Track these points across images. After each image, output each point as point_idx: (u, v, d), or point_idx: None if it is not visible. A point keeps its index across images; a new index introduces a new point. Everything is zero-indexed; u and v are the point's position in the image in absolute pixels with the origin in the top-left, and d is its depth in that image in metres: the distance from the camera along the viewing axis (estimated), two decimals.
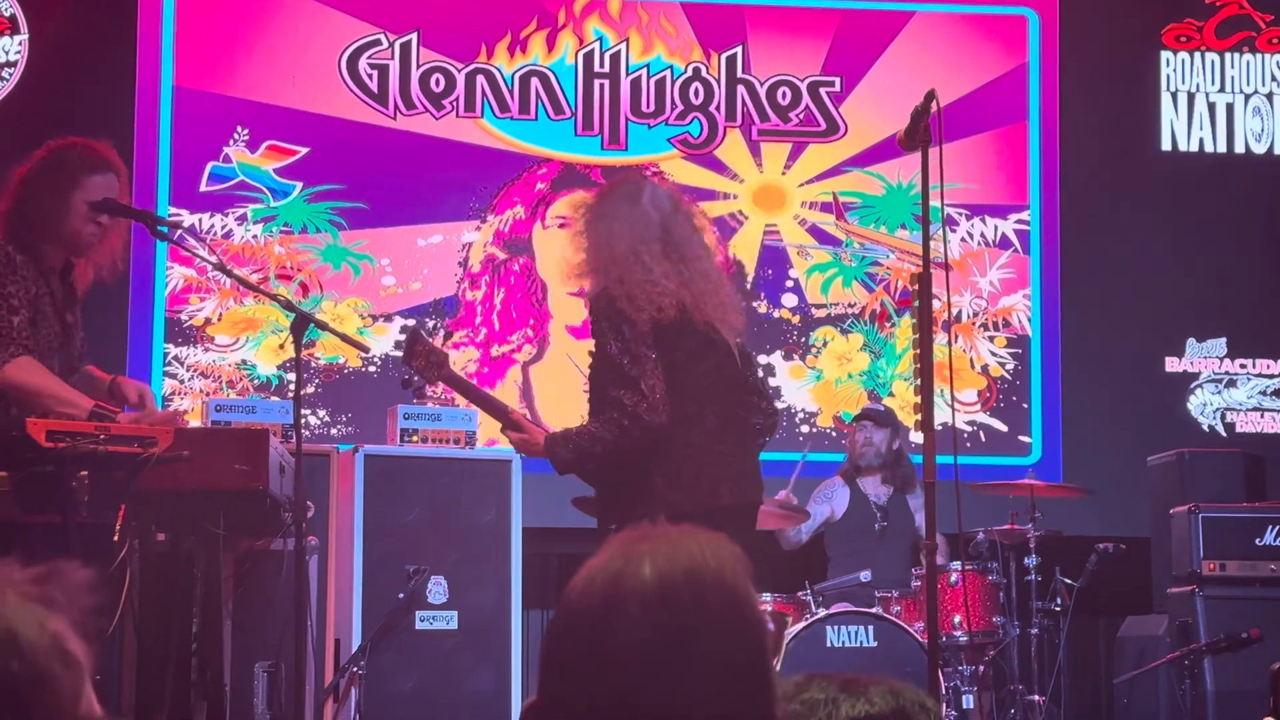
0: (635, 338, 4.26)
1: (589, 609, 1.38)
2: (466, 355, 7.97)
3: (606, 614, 1.36)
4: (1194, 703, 6.19)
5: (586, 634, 1.37)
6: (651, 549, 1.40)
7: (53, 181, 4.36)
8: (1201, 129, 8.45)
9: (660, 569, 1.37)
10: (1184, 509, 6.53)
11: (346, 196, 7.95)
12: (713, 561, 1.39)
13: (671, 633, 1.35)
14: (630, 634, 1.35)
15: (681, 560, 1.39)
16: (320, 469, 5.87)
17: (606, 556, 1.41)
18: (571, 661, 1.37)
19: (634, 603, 1.36)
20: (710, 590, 1.38)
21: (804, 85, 8.24)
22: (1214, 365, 8.30)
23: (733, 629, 1.38)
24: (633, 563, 1.38)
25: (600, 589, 1.38)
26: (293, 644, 4.56)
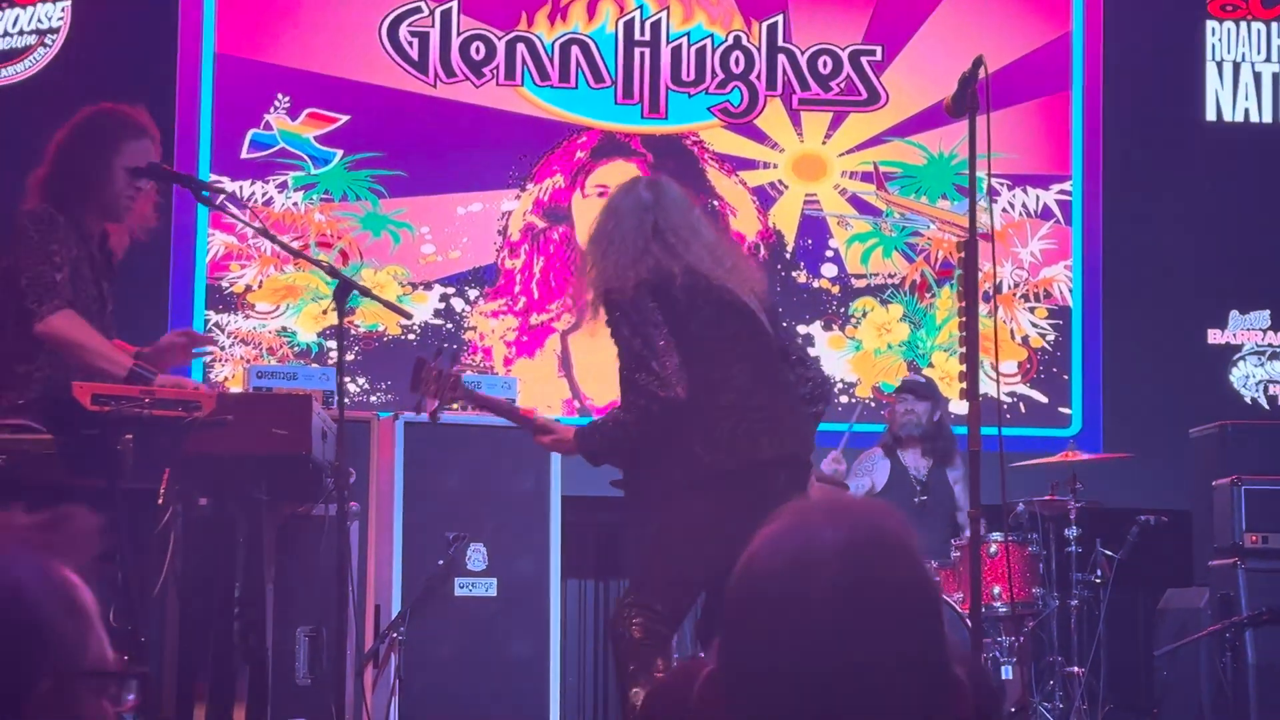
0: (642, 318, 4.31)
1: (776, 575, 1.38)
2: (505, 324, 7.97)
3: (795, 578, 1.37)
4: (1235, 675, 6.16)
5: (774, 600, 1.38)
6: (829, 513, 1.41)
7: (91, 147, 4.38)
8: (1247, 99, 8.38)
9: (844, 532, 1.39)
10: (1226, 481, 6.50)
11: (386, 164, 7.95)
12: (889, 522, 1.42)
13: (861, 593, 1.37)
14: (820, 596, 1.36)
15: (863, 521, 1.41)
16: (361, 436, 5.89)
17: (786, 524, 1.42)
18: (758, 628, 1.38)
19: (823, 566, 1.37)
20: (893, 550, 1.40)
21: (845, 54, 8.19)
22: (1257, 337, 8.24)
23: (913, 588, 1.40)
24: (815, 527, 1.40)
25: (787, 555, 1.39)
26: (334, 609, 4.58)
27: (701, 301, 4.38)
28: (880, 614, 1.36)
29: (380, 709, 5.71)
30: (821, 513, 1.42)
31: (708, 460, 4.27)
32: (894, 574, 1.38)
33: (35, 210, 4.33)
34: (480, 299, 7.97)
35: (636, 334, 4.30)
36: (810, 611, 1.35)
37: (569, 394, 7.96)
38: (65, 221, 4.31)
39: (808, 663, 1.35)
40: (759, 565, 1.40)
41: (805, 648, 1.35)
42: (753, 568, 1.41)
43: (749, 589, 1.40)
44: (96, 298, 4.42)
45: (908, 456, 7.14)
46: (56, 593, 1.37)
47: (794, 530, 1.41)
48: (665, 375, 4.26)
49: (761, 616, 1.38)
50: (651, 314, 4.32)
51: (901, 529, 1.42)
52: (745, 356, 4.40)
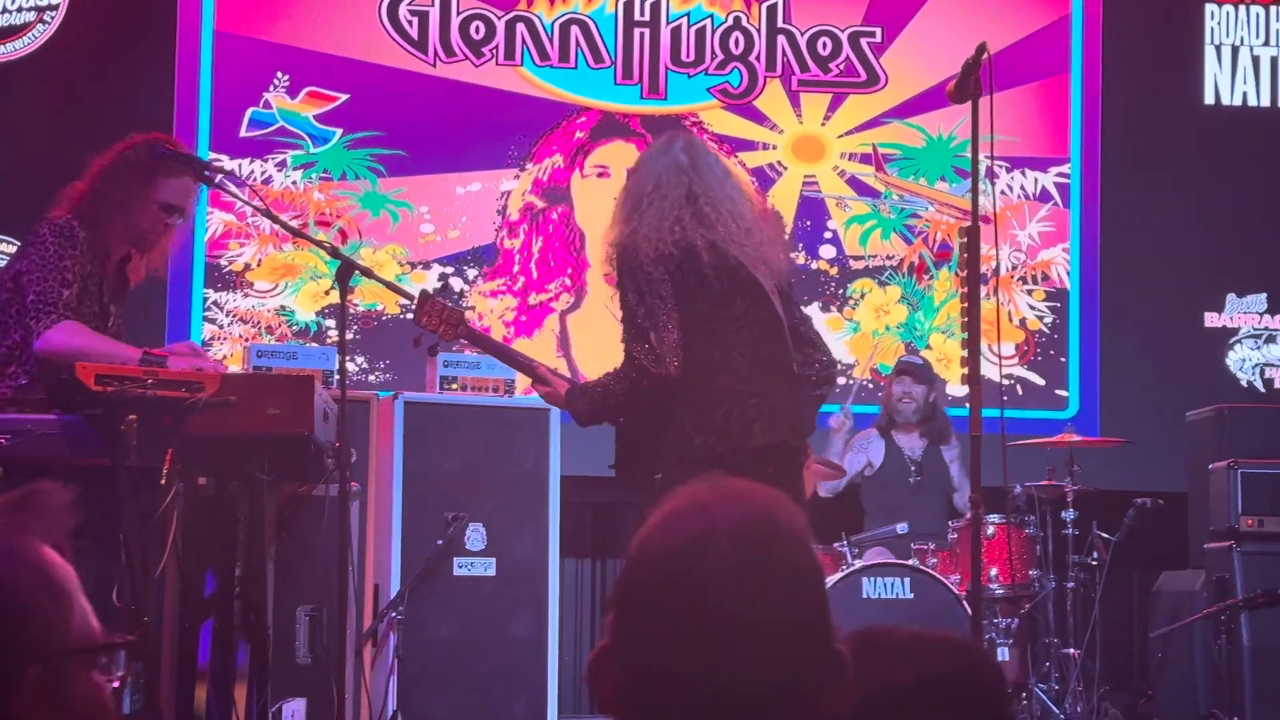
0: (650, 289, 4.24)
1: (672, 554, 1.41)
2: (504, 303, 7.98)
3: (690, 557, 1.40)
4: (1230, 658, 6.19)
5: (669, 578, 1.40)
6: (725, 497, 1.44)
7: (132, 177, 4.44)
8: (1245, 83, 8.39)
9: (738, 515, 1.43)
10: (1223, 464, 6.52)
11: (386, 144, 7.95)
12: (782, 508, 1.45)
13: (751, 573, 1.40)
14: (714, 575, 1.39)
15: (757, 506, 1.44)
16: (360, 416, 5.89)
17: (683, 505, 1.45)
18: (652, 605, 1.41)
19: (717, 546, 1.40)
20: (784, 534, 1.43)
21: (845, 35, 8.19)
22: (1254, 321, 8.26)
23: (801, 571, 1.43)
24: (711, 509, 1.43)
25: (684, 535, 1.42)
26: (334, 588, 4.60)
27: (715, 279, 4.31)
28: (770, 594, 1.40)
29: (379, 688, 5.73)
30: (717, 496, 1.45)
31: (698, 442, 4.23)
32: (784, 557, 1.42)
33: (59, 221, 4.37)
34: (479, 278, 7.98)
35: (641, 303, 4.24)
36: (703, 590, 1.39)
37: (567, 374, 7.95)
38: (86, 238, 4.36)
39: (699, 639, 1.38)
40: (655, 544, 1.43)
41: (697, 625, 1.38)
42: (649, 546, 1.43)
43: (645, 567, 1.43)
44: (97, 315, 4.45)
45: (902, 438, 7.16)
46: (33, 573, 1.35)
47: (690, 511, 1.44)
48: (661, 351, 4.21)
49: (656, 594, 1.41)
50: (661, 285, 4.25)
51: (794, 515, 1.46)
52: (750, 339, 4.34)
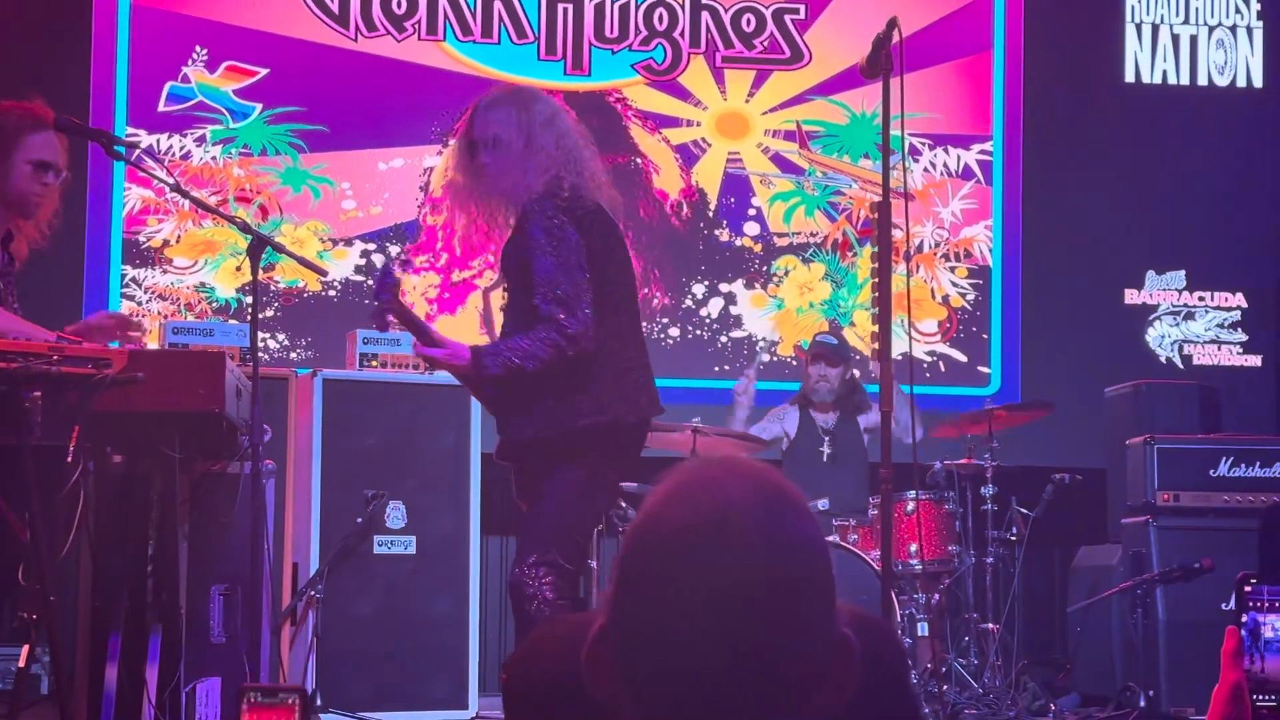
0: (567, 249, 4.07)
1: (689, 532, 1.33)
2: (427, 280, 7.93)
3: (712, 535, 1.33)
4: (1146, 631, 6.25)
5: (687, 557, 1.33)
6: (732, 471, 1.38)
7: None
8: (1165, 61, 8.45)
9: (754, 490, 1.36)
10: (1139, 440, 6.58)
11: (307, 119, 7.87)
12: (786, 481, 1.40)
13: (777, 552, 1.33)
14: (740, 555, 1.32)
15: (767, 480, 1.37)
16: (279, 393, 5.85)
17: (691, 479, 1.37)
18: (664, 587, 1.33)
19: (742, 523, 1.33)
20: (800, 509, 1.37)
21: (768, 12, 8.19)
22: (1173, 298, 8.34)
23: (820, 547, 1.38)
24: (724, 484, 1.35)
25: (703, 511, 1.34)
26: (249, 567, 4.56)
27: (613, 243, 4.21)
28: (794, 571, 1.33)
29: (297, 667, 5.70)
30: (722, 470, 1.38)
31: (612, 411, 4.14)
32: (805, 533, 1.36)
33: None
34: (402, 255, 7.93)
35: (561, 266, 4.07)
36: (726, 568, 1.31)
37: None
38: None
39: (718, 619, 1.31)
40: (669, 522, 1.34)
41: (718, 606, 1.31)
42: (661, 525, 1.35)
43: (655, 547, 1.35)
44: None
45: (818, 414, 7.17)
46: None
47: (700, 486, 1.36)
48: (589, 326, 4.09)
49: (670, 572, 1.32)
50: (577, 247, 4.11)
51: (794, 489, 1.39)
52: (631, 307, 4.28)
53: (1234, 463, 6.47)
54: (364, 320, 7.51)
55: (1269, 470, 6.47)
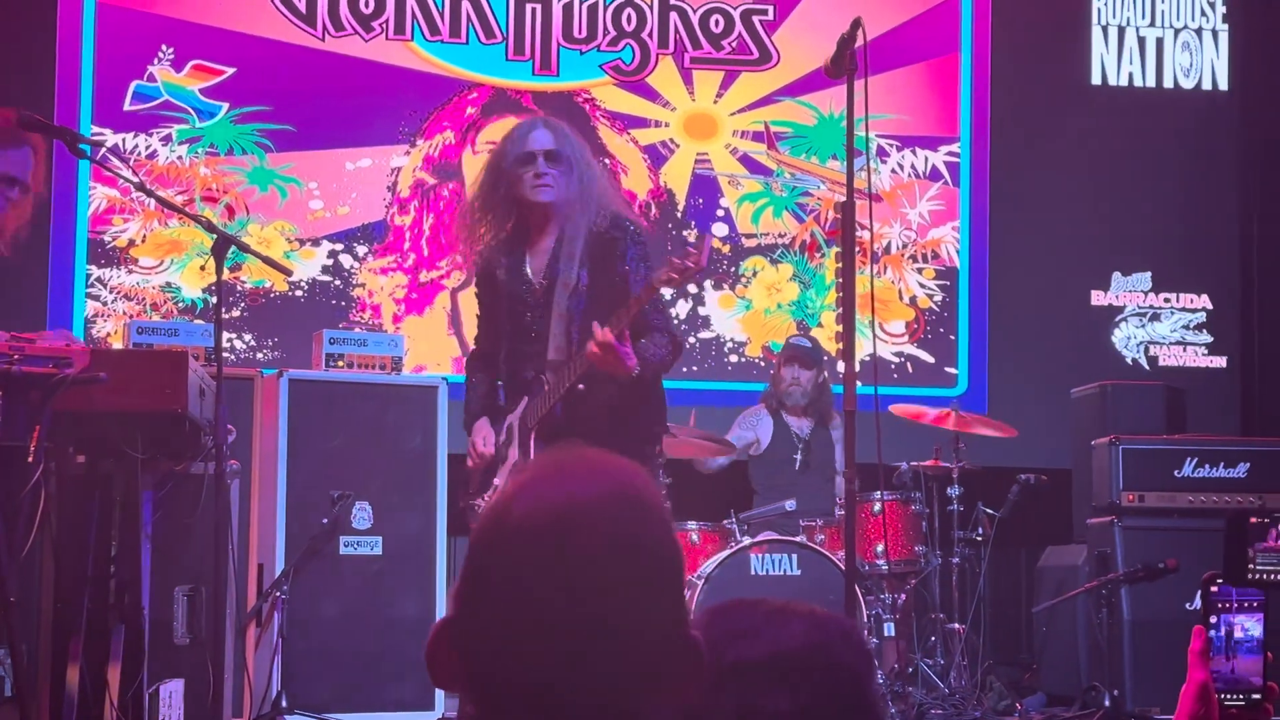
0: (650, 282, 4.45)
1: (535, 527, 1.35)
2: (395, 281, 7.92)
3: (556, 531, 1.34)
4: (1110, 631, 6.28)
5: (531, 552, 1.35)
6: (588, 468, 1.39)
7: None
8: (1131, 63, 8.49)
9: (606, 487, 1.37)
10: (1104, 441, 6.60)
11: (274, 118, 7.85)
12: (644, 480, 1.41)
13: (621, 550, 1.35)
14: (583, 551, 1.34)
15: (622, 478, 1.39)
16: (244, 393, 5.83)
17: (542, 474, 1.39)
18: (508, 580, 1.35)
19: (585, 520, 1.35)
20: (650, 508, 1.39)
21: (737, 13, 8.20)
22: (1139, 299, 8.37)
23: (667, 547, 1.39)
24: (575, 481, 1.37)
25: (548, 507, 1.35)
26: (213, 568, 4.55)
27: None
28: (638, 572, 1.35)
29: (262, 668, 5.68)
30: (580, 465, 1.39)
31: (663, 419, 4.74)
32: (652, 532, 1.37)
33: None
34: (369, 255, 7.91)
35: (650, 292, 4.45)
36: (570, 563, 1.33)
37: (459, 352, 7.93)
38: None
39: (558, 615, 1.33)
40: (516, 517, 1.36)
41: (559, 600, 1.32)
42: (508, 519, 1.36)
43: (504, 540, 1.36)
44: None
45: (791, 419, 7.18)
46: None
47: (553, 481, 1.38)
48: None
49: (515, 568, 1.34)
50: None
51: (655, 489, 1.41)
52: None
53: (1198, 463, 6.49)
54: (330, 320, 7.52)
55: (1232, 471, 6.50)
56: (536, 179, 4.64)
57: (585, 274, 4.66)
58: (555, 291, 4.68)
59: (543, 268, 4.73)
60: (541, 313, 4.72)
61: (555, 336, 4.68)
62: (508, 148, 4.73)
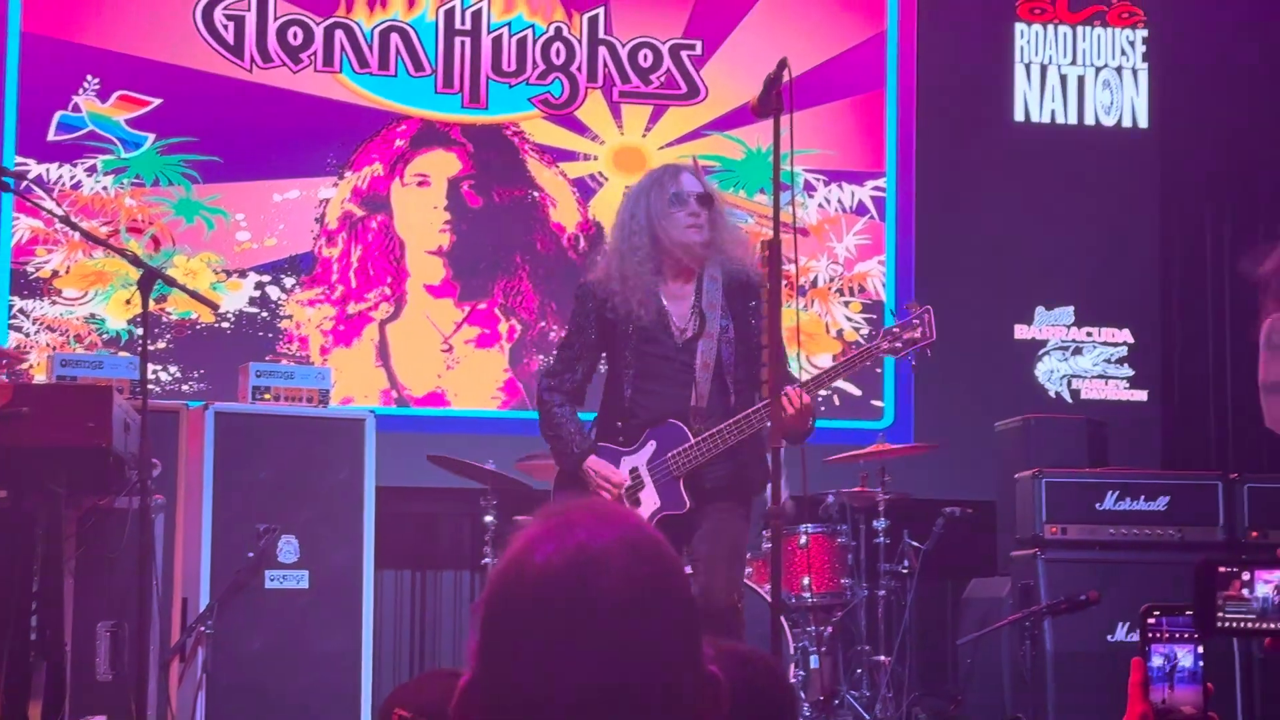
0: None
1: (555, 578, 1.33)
2: (322, 313, 7.89)
3: (579, 582, 1.33)
4: (1034, 663, 6.33)
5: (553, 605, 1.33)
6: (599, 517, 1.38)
7: None
8: (1053, 100, 8.61)
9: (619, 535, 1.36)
10: (1028, 474, 6.66)
11: (200, 149, 7.81)
12: (650, 527, 1.41)
13: (644, 599, 1.34)
14: (607, 602, 1.32)
15: (632, 525, 1.38)
16: (170, 426, 5.80)
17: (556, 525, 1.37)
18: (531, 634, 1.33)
19: (607, 569, 1.33)
20: (664, 554, 1.38)
21: (665, 48, 8.25)
22: (1061, 333, 8.47)
23: (683, 592, 1.38)
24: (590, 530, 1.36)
25: (568, 557, 1.34)
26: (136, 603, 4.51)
27: None
28: (658, 612, 1.34)
29: (186, 705, 5.63)
30: (588, 514, 1.38)
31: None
32: (669, 579, 1.36)
33: None
34: (296, 287, 7.88)
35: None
36: (595, 612, 1.31)
37: (386, 384, 7.92)
38: None
39: (584, 670, 1.31)
40: (536, 563, 1.34)
41: (585, 654, 1.31)
42: (525, 568, 1.34)
43: (521, 591, 1.34)
44: None
45: None
46: None
47: (567, 529, 1.36)
48: None
49: (536, 618, 1.32)
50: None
51: (656, 532, 1.40)
52: None
53: (1119, 496, 6.57)
54: (257, 352, 7.49)
55: (1153, 504, 6.58)
56: (692, 219, 4.68)
57: (730, 324, 4.73)
58: (700, 339, 4.70)
59: (686, 313, 4.76)
60: (685, 358, 4.72)
61: (700, 384, 4.69)
62: (661, 188, 4.75)
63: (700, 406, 4.66)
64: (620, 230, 4.81)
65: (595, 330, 4.82)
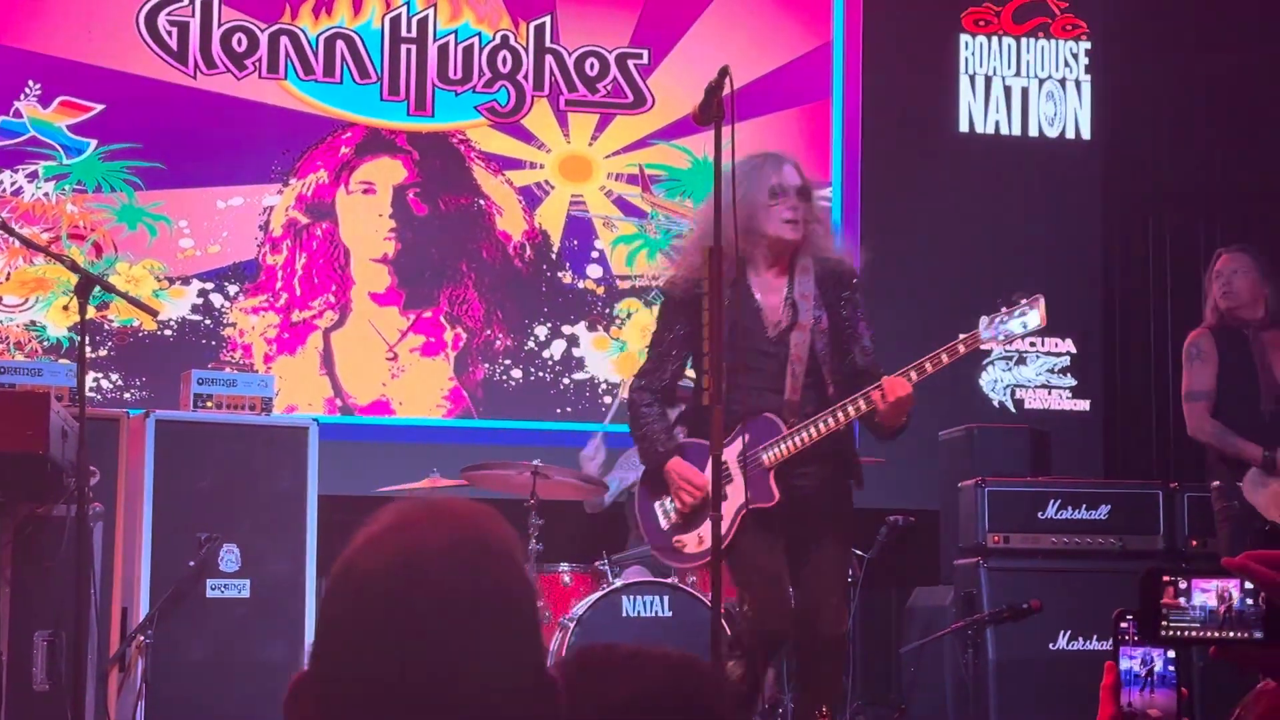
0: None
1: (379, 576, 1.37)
2: (266, 320, 7.85)
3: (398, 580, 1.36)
4: (976, 671, 6.35)
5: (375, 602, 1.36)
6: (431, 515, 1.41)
7: None
8: (998, 112, 8.66)
9: (447, 534, 1.39)
10: (971, 483, 6.70)
11: (143, 156, 7.76)
12: (493, 526, 1.42)
13: (463, 597, 1.36)
14: (423, 599, 1.35)
15: (466, 524, 1.41)
16: (110, 434, 5.75)
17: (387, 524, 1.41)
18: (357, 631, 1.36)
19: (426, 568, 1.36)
20: (496, 555, 1.40)
21: (612, 57, 8.25)
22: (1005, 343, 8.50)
23: (514, 594, 1.40)
24: (418, 529, 1.39)
25: (390, 556, 1.37)
26: (74, 612, 4.47)
27: None
28: (483, 617, 1.37)
29: (125, 715, 5.58)
30: (424, 514, 1.41)
31: None
32: (496, 579, 1.39)
33: None
34: (240, 295, 7.84)
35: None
36: (413, 615, 1.35)
37: (331, 392, 7.88)
38: None
39: (408, 667, 1.34)
40: (360, 566, 1.38)
41: (406, 651, 1.34)
42: (353, 568, 1.38)
43: (349, 590, 1.38)
44: None
45: None
46: None
47: (396, 531, 1.40)
48: None
49: (362, 619, 1.36)
50: None
51: (503, 532, 1.42)
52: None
53: (1061, 505, 6.61)
54: (200, 359, 7.44)
55: (1094, 513, 6.63)
56: (791, 213, 4.65)
57: (824, 315, 4.69)
58: (793, 331, 4.64)
59: (778, 304, 4.70)
60: (778, 351, 4.66)
61: (794, 377, 4.63)
62: (760, 177, 4.69)
63: (794, 400, 4.61)
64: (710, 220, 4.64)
65: (684, 326, 4.73)
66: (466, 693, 1.35)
